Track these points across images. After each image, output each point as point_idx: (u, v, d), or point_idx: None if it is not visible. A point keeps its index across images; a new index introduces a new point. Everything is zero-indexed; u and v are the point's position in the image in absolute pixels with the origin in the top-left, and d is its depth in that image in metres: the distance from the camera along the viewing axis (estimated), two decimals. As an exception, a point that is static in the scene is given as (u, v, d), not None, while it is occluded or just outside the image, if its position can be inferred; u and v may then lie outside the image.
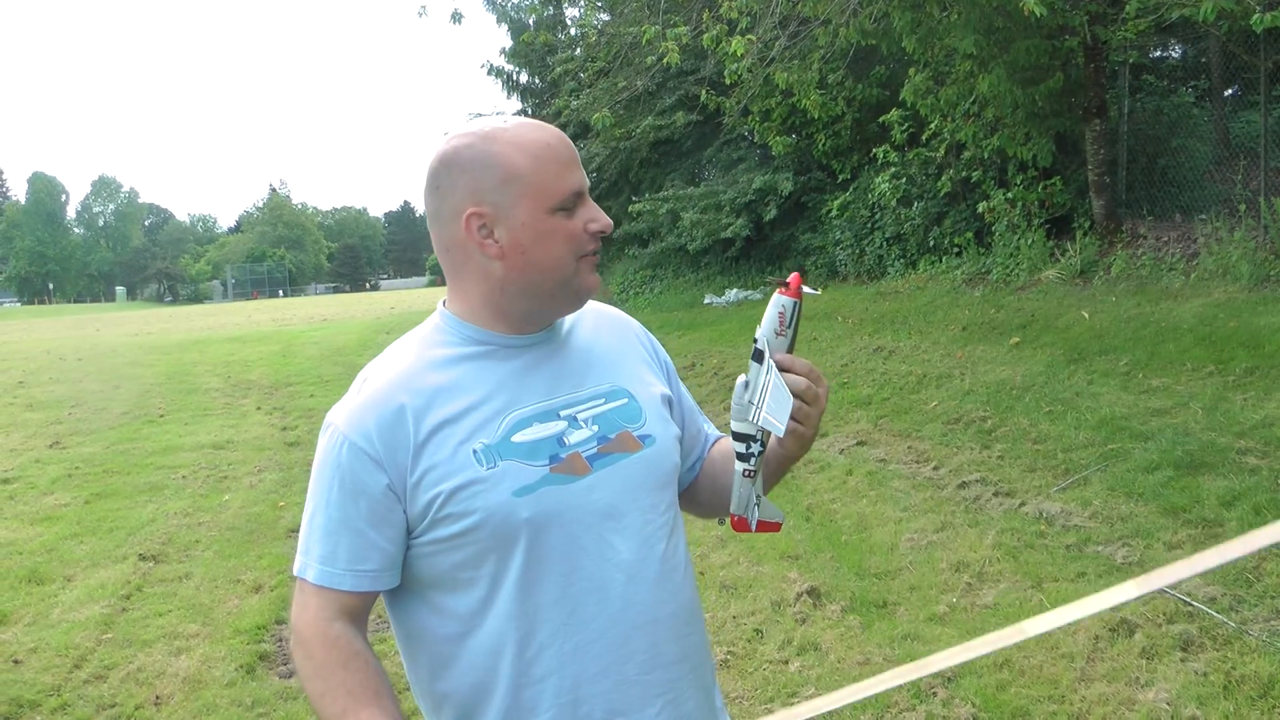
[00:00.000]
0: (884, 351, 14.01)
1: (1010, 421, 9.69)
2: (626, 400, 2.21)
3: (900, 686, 5.20)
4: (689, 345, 18.16)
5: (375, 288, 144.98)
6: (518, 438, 2.04)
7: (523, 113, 34.69)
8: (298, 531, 7.34)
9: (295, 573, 2.06)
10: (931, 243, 19.05)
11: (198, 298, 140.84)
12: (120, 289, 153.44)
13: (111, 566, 8.46)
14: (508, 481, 2.00)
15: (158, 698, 6.00)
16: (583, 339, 2.26)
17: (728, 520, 2.27)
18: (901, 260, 19.79)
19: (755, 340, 2.08)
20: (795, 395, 2.05)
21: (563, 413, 2.11)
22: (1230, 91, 18.50)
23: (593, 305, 2.33)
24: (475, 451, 2.00)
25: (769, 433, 2.10)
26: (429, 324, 2.19)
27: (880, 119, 19.95)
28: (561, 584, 2.05)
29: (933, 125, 18.22)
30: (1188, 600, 5.68)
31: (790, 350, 2.09)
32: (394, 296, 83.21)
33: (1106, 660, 5.28)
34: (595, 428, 2.13)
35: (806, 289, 2.07)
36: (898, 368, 12.94)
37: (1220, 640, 5.27)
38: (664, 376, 2.39)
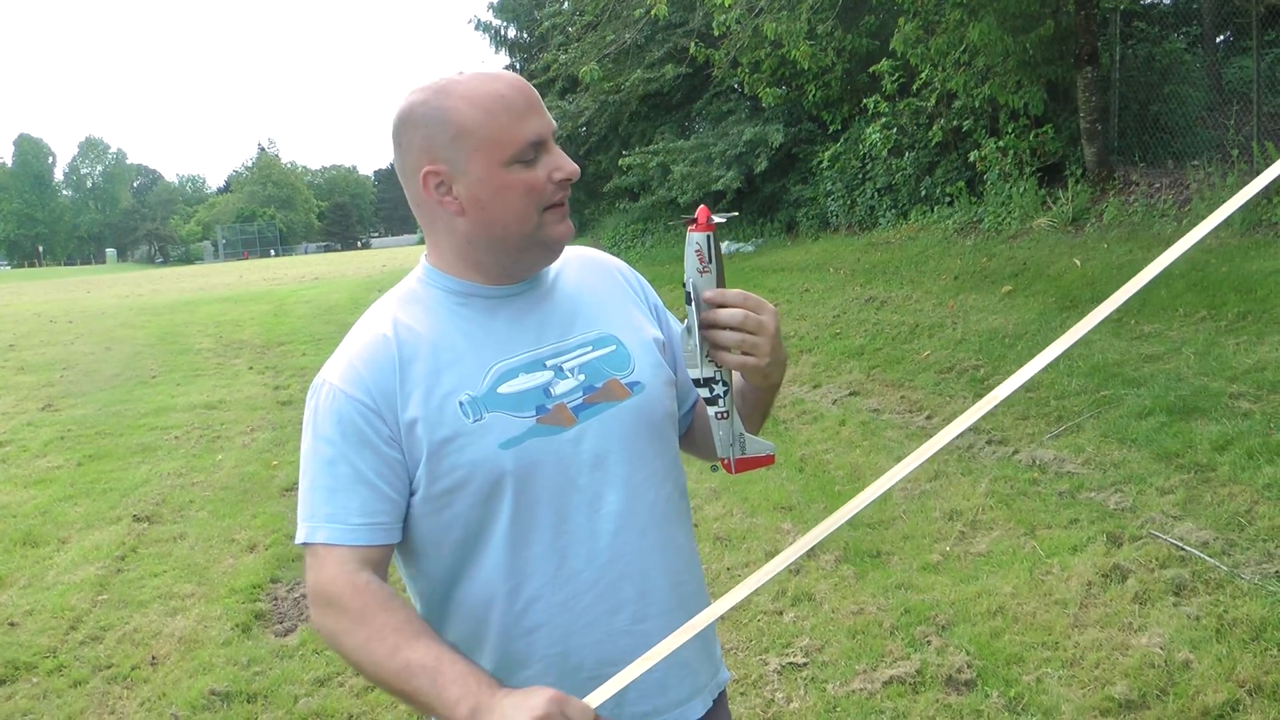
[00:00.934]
0: (876, 302, 13.99)
1: (1003, 370, 9.67)
2: (615, 347, 2.17)
3: (894, 635, 5.23)
4: (681, 298, 18.04)
5: (366, 245, 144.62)
6: (504, 389, 2.01)
7: (511, 67, 34.55)
8: (292, 490, 7.33)
9: (302, 541, 1.97)
10: (923, 192, 19.02)
11: (188, 259, 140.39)
12: (110, 251, 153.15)
13: (106, 528, 8.47)
14: (494, 434, 1.97)
15: (154, 658, 6.01)
16: (568, 286, 2.21)
17: (719, 467, 2.21)
18: (893, 210, 19.76)
19: (684, 285, 2.03)
20: (733, 327, 1.99)
21: (549, 362, 2.07)
22: (1222, 37, 18.45)
23: (576, 250, 2.30)
24: (461, 404, 1.97)
25: (730, 372, 2.05)
26: (411, 278, 2.15)
27: (870, 69, 19.87)
28: (550, 536, 2.02)
29: (923, 75, 18.14)
30: (1180, 545, 5.69)
31: (720, 284, 2.02)
32: (385, 254, 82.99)
33: (1100, 606, 5.28)
34: (581, 377, 2.09)
35: (717, 218, 2.00)
36: (890, 318, 12.92)
37: (1212, 584, 5.28)
38: (654, 318, 2.33)
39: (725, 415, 2.11)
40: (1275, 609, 4.90)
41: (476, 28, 36.89)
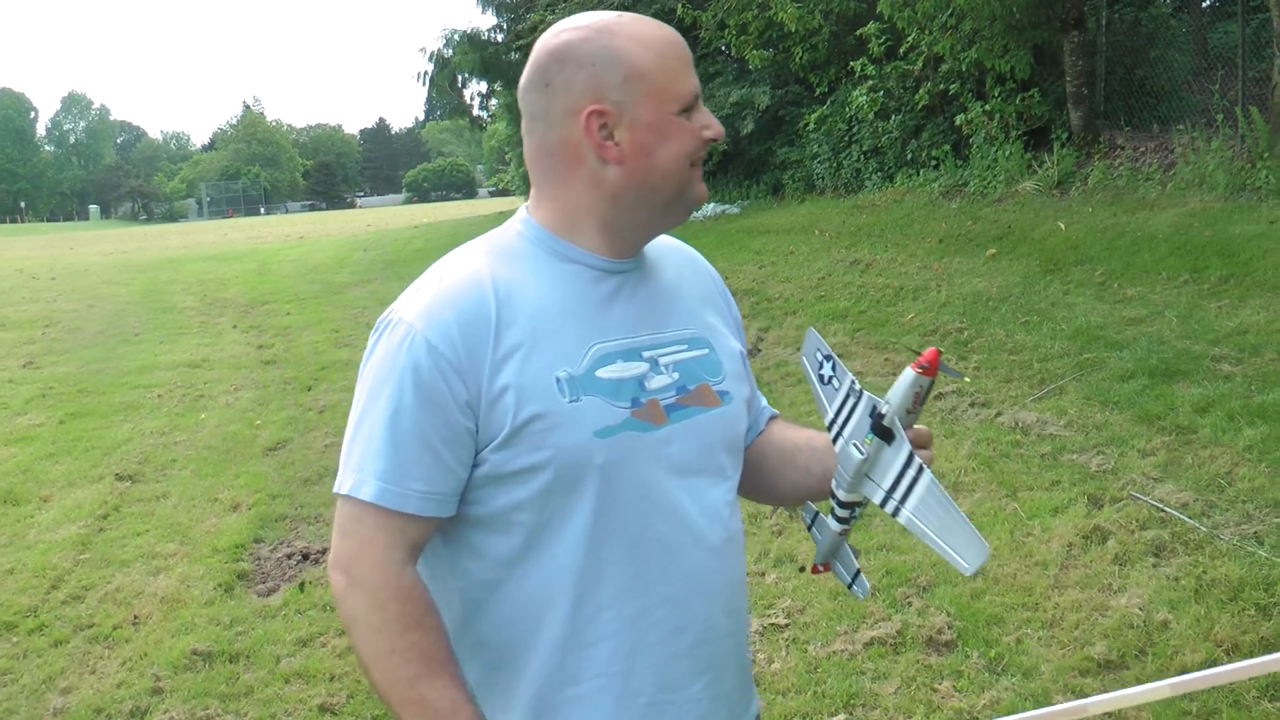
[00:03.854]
0: (861, 264, 13.99)
1: (987, 332, 9.69)
2: (707, 351, 2.03)
3: (875, 596, 5.25)
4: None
5: (352, 205, 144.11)
6: (602, 373, 1.85)
7: (498, 27, 34.37)
8: (277, 449, 7.29)
9: (344, 491, 1.81)
10: (909, 156, 18.99)
11: (172, 216, 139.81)
12: (94, 207, 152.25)
13: (88, 486, 8.45)
14: (590, 419, 1.81)
15: (136, 617, 6.00)
16: (667, 277, 2.06)
17: (806, 568, 2.19)
18: (879, 173, 19.74)
19: (880, 412, 1.90)
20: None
21: (645, 354, 1.92)
22: (1208, 2, 18.42)
23: (674, 243, 2.18)
24: (559, 379, 1.81)
25: (868, 498, 1.94)
26: (508, 231, 1.98)
27: (857, 32, 19.78)
28: (631, 541, 1.87)
29: (910, 38, 18.08)
30: (1161, 507, 5.72)
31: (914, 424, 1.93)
32: (370, 214, 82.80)
33: (1080, 567, 5.31)
34: (675, 375, 1.94)
35: (947, 369, 1.92)
36: (875, 280, 12.92)
37: (1192, 545, 5.31)
38: (736, 331, 2.18)
39: (847, 532, 2.07)
40: (1253, 569, 4.94)
41: (463, -14, 36.70)
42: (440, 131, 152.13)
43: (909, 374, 1.89)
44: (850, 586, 2.15)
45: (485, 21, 34.68)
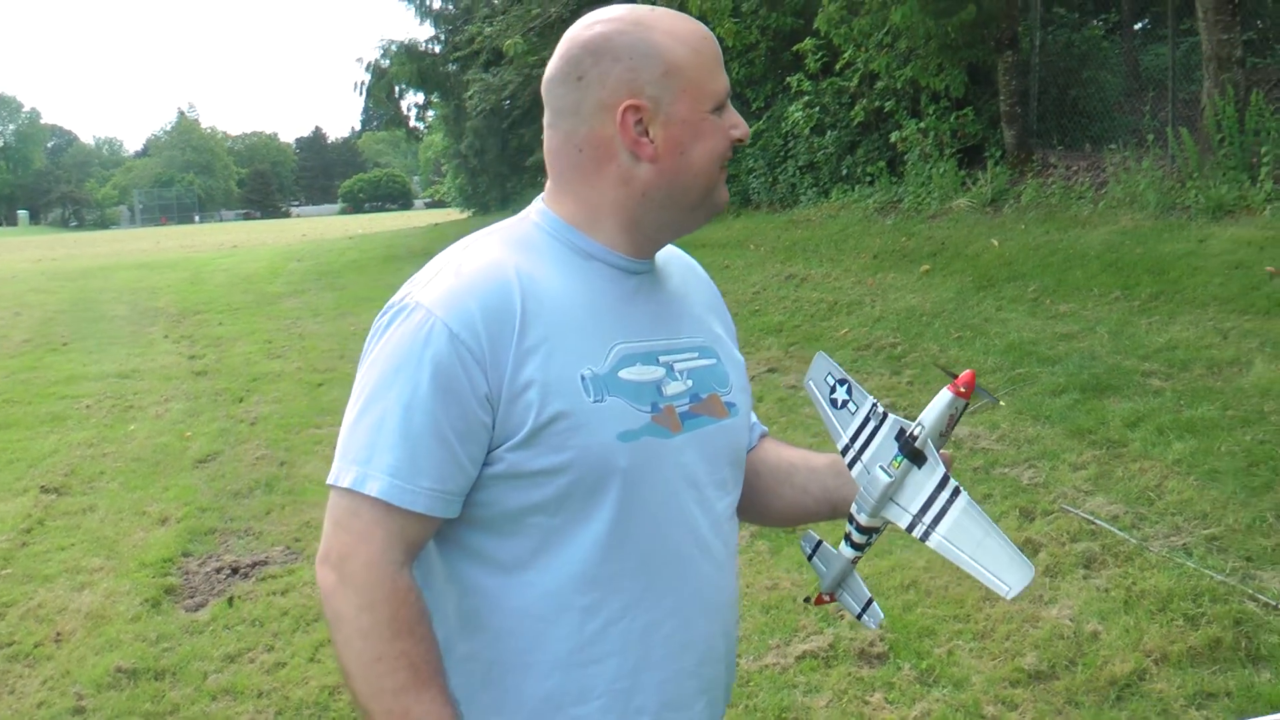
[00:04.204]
0: (796, 279, 14.03)
1: (920, 347, 9.74)
2: (715, 361, 1.98)
3: (807, 610, 5.25)
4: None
5: (287, 214, 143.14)
6: (624, 374, 1.79)
7: (435, 39, 34.34)
8: (207, 461, 7.16)
9: (344, 484, 1.71)
10: (844, 171, 19.07)
11: (104, 223, 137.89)
12: (22, 213, 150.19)
13: (11, 499, 8.32)
14: (614, 421, 1.75)
15: (59, 634, 5.89)
16: (675, 283, 2.02)
17: (811, 599, 2.12)
18: (814, 189, 19.80)
19: (913, 434, 1.90)
20: None
21: (662, 358, 1.87)
22: (1139, 25, 18.66)
23: (678, 252, 2.13)
24: (584, 377, 1.74)
25: (890, 522, 1.92)
26: (524, 222, 1.92)
27: (794, 48, 19.85)
28: (646, 551, 1.81)
29: (846, 55, 18.16)
30: (1091, 519, 5.76)
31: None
32: (306, 224, 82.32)
33: (1011, 579, 5.32)
34: (689, 383, 1.89)
35: (983, 393, 1.94)
36: (809, 295, 12.95)
37: (1122, 557, 5.35)
38: (736, 345, 2.14)
39: (858, 560, 2.01)
40: (1182, 580, 4.98)
41: (400, -2, 36.64)
42: (377, 142, 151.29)
43: (946, 396, 1.90)
44: (860, 617, 2.06)
45: (423, 33, 34.76)
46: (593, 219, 1.86)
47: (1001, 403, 5.88)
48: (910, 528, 1.87)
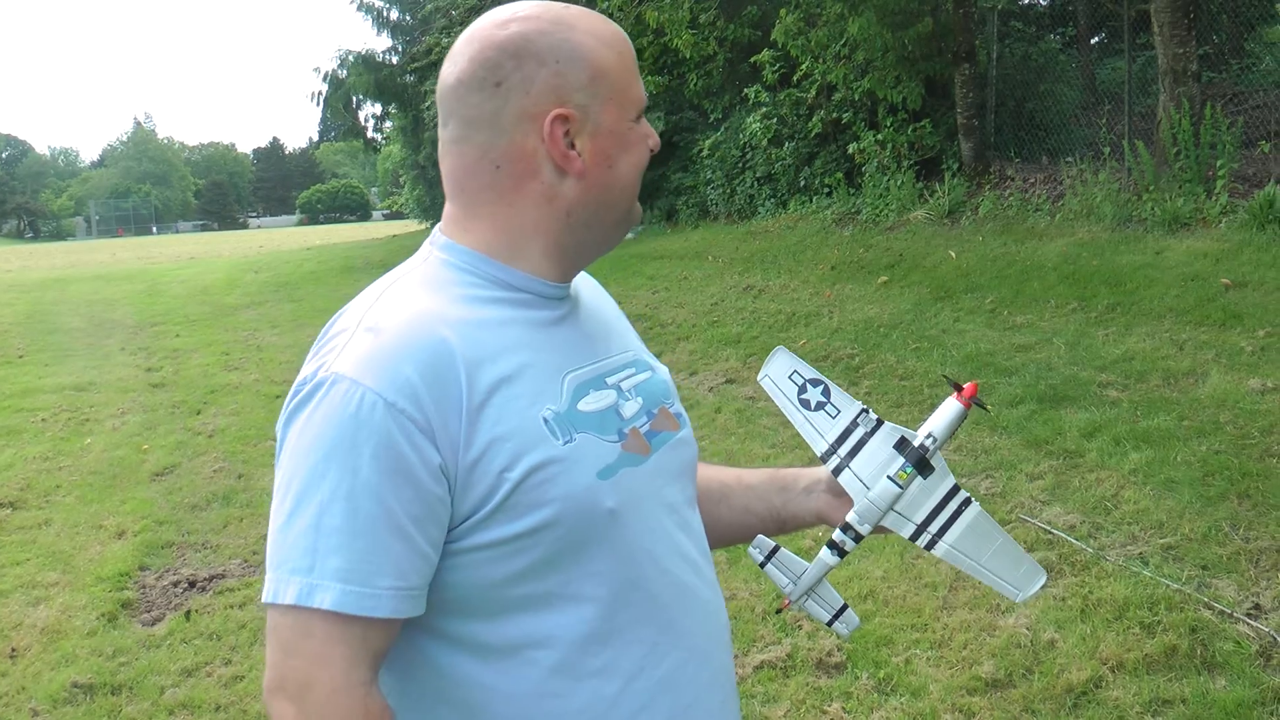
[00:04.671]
0: (754, 290, 14.06)
1: (878, 359, 9.77)
2: (651, 372, 1.82)
3: (765, 620, 5.25)
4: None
5: (245, 225, 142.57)
6: (583, 406, 1.60)
7: (392, 50, 34.27)
8: (165, 474, 7.07)
9: (286, 600, 1.41)
10: (802, 183, 19.14)
11: (60, 234, 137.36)
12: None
13: (-35, 513, 8.22)
14: (590, 460, 1.55)
15: (14, 650, 5.83)
16: (587, 299, 1.83)
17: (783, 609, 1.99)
18: (772, 200, 19.87)
19: (924, 448, 1.87)
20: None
21: (609, 380, 1.68)
22: (1096, 39, 18.84)
23: None
24: (546, 420, 1.53)
25: (895, 533, 1.87)
26: (430, 260, 1.67)
27: (752, 59, 19.92)
28: (650, 592, 1.62)
29: (804, 66, 18.23)
30: (1048, 529, 5.79)
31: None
32: (263, 235, 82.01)
33: (968, 589, 5.35)
34: (640, 400, 1.72)
35: (978, 403, 1.92)
36: (767, 306, 12.98)
37: (1079, 566, 5.38)
38: None
39: (834, 568, 1.92)
40: (1138, 589, 5.02)
41: (359, 8, 36.56)
42: (335, 153, 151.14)
43: (956, 406, 1.90)
44: (831, 624, 1.93)
45: (380, 43, 34.65)
46: (513, 246, 1.64)
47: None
48: (914, 537, 1.86)
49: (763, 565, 1.95)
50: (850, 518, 1.89)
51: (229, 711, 5.04)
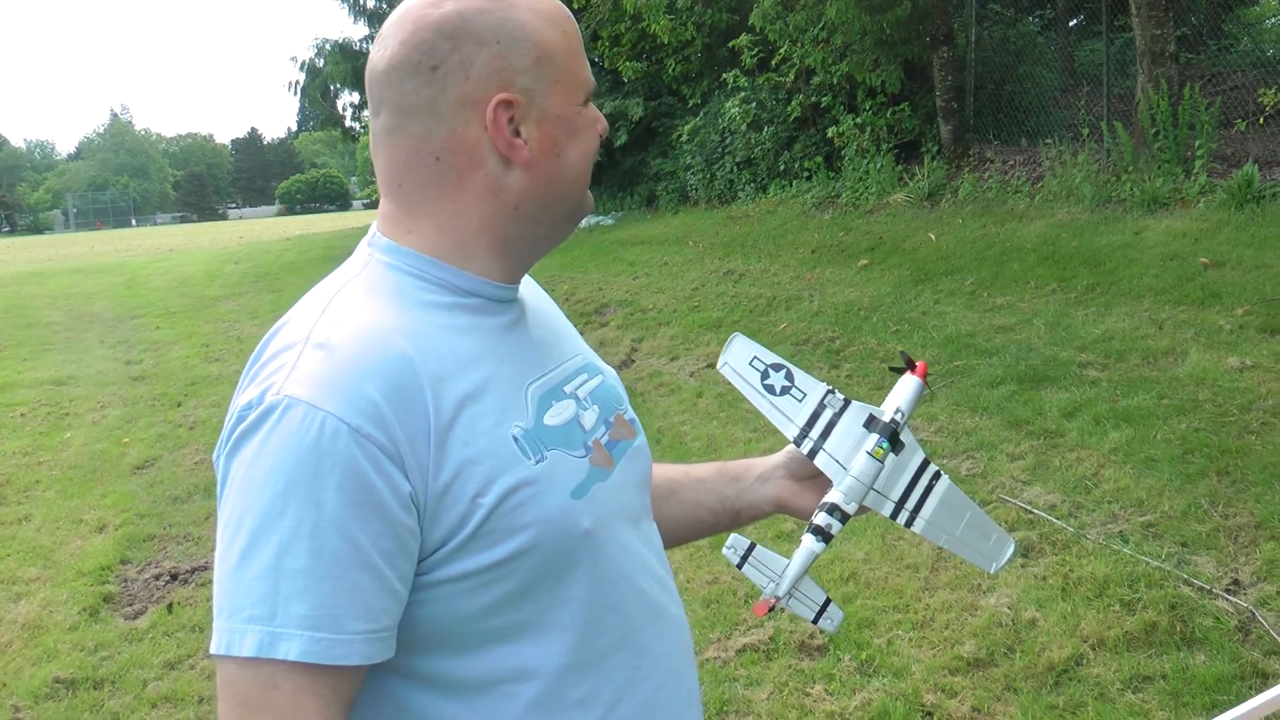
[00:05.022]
0: (734, 275, 14.05)
1: (858, 341, 9.78)
2: (602, 378, 1.71)
3: (748, 603, 5.26)
4: (537, 271, 18.01)
5: (224, 217, 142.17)
6: (549, 419, 1.49)
7: (370, 39, 34.06)
8: (146, 467, 7.01)
9: (244, 652, 1.26)
10: (782, 167, 19.15)
11: (37, 228, 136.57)
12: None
13: (-55, 509, 8.19)
14: (562, 479, 1.45)
15: (-6, 646, 5.82)
16: (532, 300, 1.71)
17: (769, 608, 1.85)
18: (752, 184, 19.89)
19: (894, 422, 1.85)
20: None
21: (566, 389, 1.58)
22: (1074, 21, 18.85)
23: None
24: (515, 438, 1.41)
25: (875, 511, 1.83)
26: (372, 264, 1.52)
27: (730, 44, 19.94)
28: (626, 614, 1.53)
29: (782, 50, 18.25)
30: (1029, 508, 5.80)
31: None
32: (242, 226, 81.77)
33: (950, 569, 5.36)
34: (597, 408, 1.61)
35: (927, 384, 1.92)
36: (748, 290, 12.98)
37: (1059, 545, 5.40)
38: None
39: (818, 554, 1.84)
40: (1118, 567, 5.04)
41: (335, -3, 36.41)
42: (313, 143, 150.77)
43: (915, 382, 1.89)
44: (816, 621, 1.83)
45: (357, 32, 34.30)
46: (459, 246, 1.51)
47: (930, 392, 6.01)
48: (894, 515, 1.83)
49: (740, 566, 1.85)
50: (835, 498, 1.83)
51: (212, 704, 5.00)
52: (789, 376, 1.93)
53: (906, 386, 1.89)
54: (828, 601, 1.82)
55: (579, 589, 1.45)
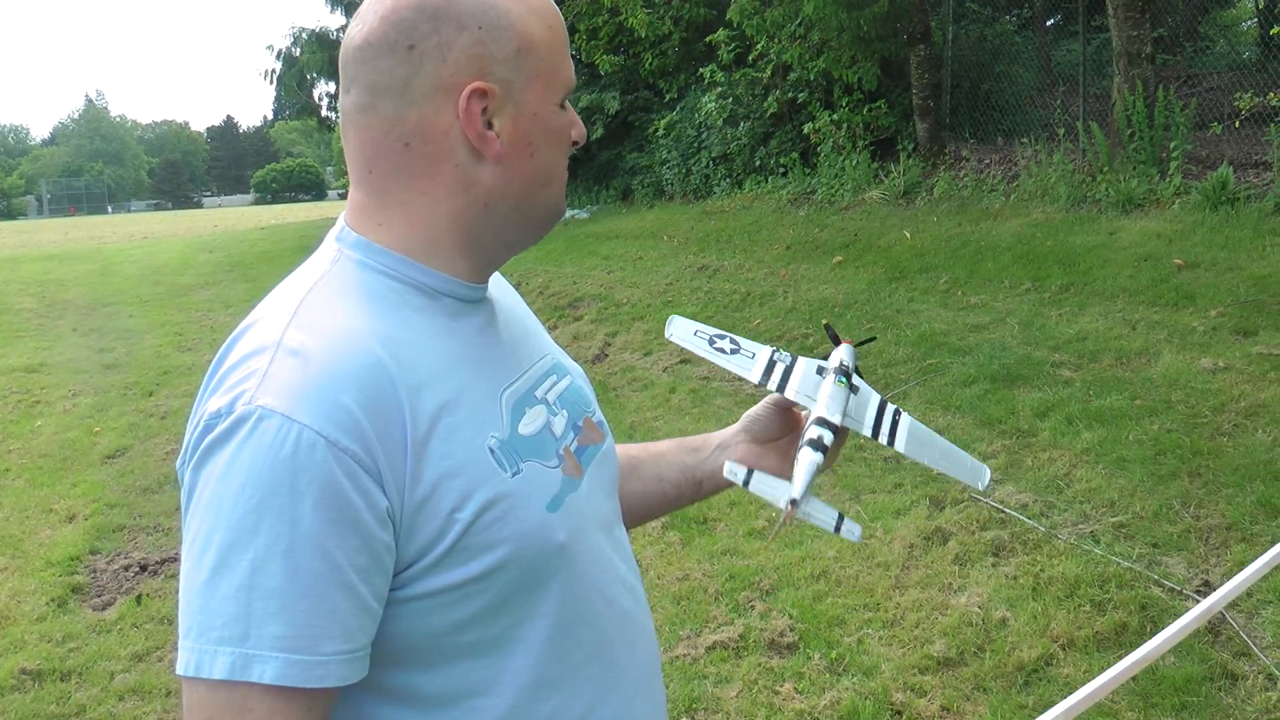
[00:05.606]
0: (709, 270, 14.04)
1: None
2: (570, 379, 1.65)
3: (718, 600, 5.26)
4: (512, 265, 18.02)
5: (199, 205, 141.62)
6: (523, 429, 1.43)
7: (343, 30, 33.94)
8: (117, 457, 6.94)
9: (215, 674, 1.21)
10: (757, 163, 19.15)
11: (10, 213, 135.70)
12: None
13: (-88, 496, 8.12)
14: (538, 491, 1.40)
15: (-40, 637, 5.77)
16: (500, 299, 1.63)
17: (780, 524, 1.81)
18: (728, 180, 19.89)
19: (845, 364, 1.88)
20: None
21: (537, 394, 1.52)
22: (1052, 21, 18.91)
23: None
24: (492, 449, 1.37)
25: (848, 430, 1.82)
26: (341, 261, 1.45)
27: (707, 39, 19.95)
28: (598, 627, 1.49)
29: (759, 46, 18.24)
30: (1000, 508, 5.81)
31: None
32: (217, 214, 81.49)
33: (921, 568, 5.37)
34: (565, 413, 1.56)
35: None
36: (722, 286, 12.97)
37: (1030, 545, 5.40)
38: None
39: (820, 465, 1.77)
40: (1089, 567, 5.05)
41: (313, -14, 36.31)
42: (289, 131, 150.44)
43: (847, 347, 1.93)
44: (838, 530, 1.75)
45: (334, 21, 34.13)
46: (430, 242, 1.45)
47: (903, 390, 6.09)
48: (874, 433, 1.82)
49: (745, 485, 1.77)
50: (820, 413, 1.80)
51: (180, 696, 4.98)
52: (734, 342, 1.94)
53: (841, 351, 1.92)
54: (842, 516, 1.77)
55: (552, 603, 1.41)
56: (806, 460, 1.75)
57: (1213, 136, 11.97)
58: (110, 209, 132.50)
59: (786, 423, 1.91)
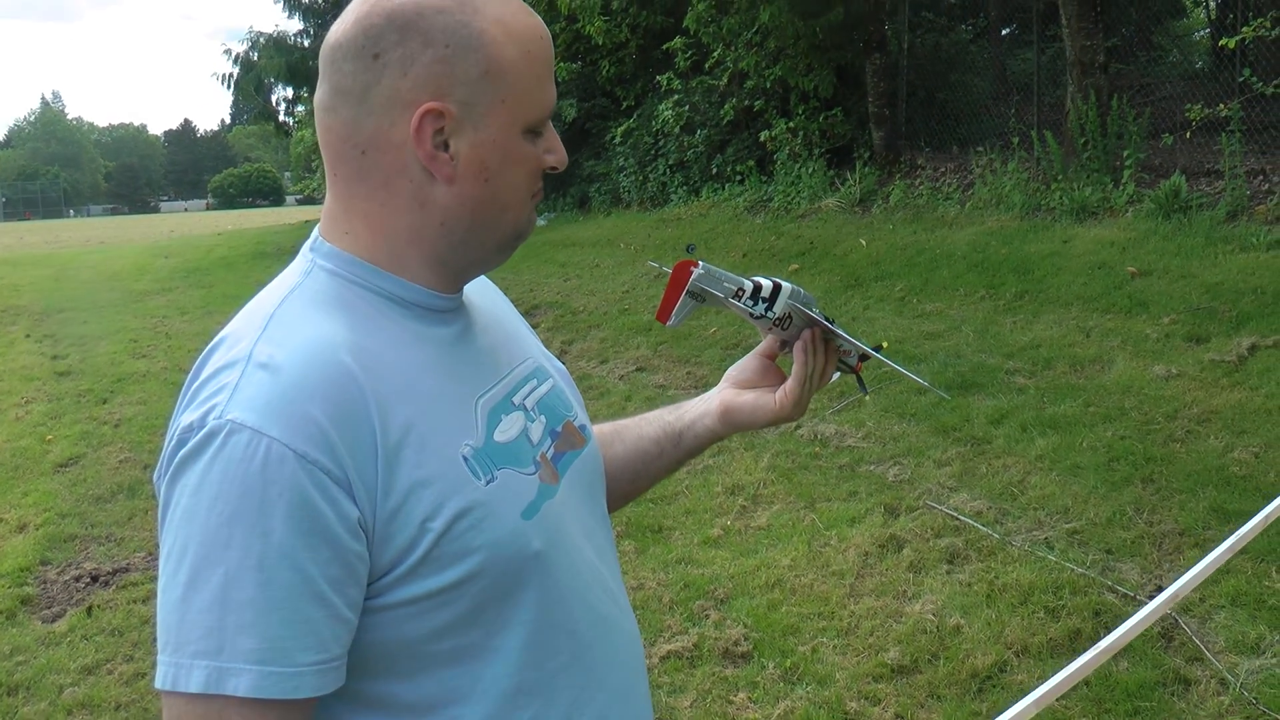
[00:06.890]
0: (665, 278, 14.00)
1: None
2: (551, 383, 1.64)
3: (673, 609, 5.25)
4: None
5: (156, 210, 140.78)
6: (499, 435, 1.43)
7: (304, 33, 33.84)
8: (69, 465, 6.87)
9: (190, 688, 1.22)
10: (714, 170, 19.17)
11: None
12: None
13: None
14: (512, 500, 1.40)
15: (-94, 648, 5.69)
16: (480, 303, 1.63)
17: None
18: (685, 187, 19.92)
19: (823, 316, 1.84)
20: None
21: (515, 399, 1.52)
22: (1007, 30, 19.04)
23: None
24: (465, 458, 1.36)
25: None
26: (313, 271, 1.46)
27: (664, 46, 19.95)
28: (576, 633, 1.48)
29: (716, 53, 18.28)
30: (955, 515, 5.82)
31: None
32: (174, 219, 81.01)
33: (875, 576, 5.37)
34: (544, 419, 1.55)
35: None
36: (679, 294, 12.95)
37: (985, 552, 5.42)
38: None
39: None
40: (1043, 574, 5.07)
41: (270, -9, 36.18)
42: (247, 136, 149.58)
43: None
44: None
45: (292, 26, 34.05)
46: (394, 252, 1.45)
47: (860, 397, 6.18)
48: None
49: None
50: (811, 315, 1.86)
51: (130, 710, 4.94)
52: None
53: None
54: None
55: (529, 611, 1.41)
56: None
57: (1165, 146, 12.08)
58: (72, 213, 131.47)
59: (768, 372, 1.92)
